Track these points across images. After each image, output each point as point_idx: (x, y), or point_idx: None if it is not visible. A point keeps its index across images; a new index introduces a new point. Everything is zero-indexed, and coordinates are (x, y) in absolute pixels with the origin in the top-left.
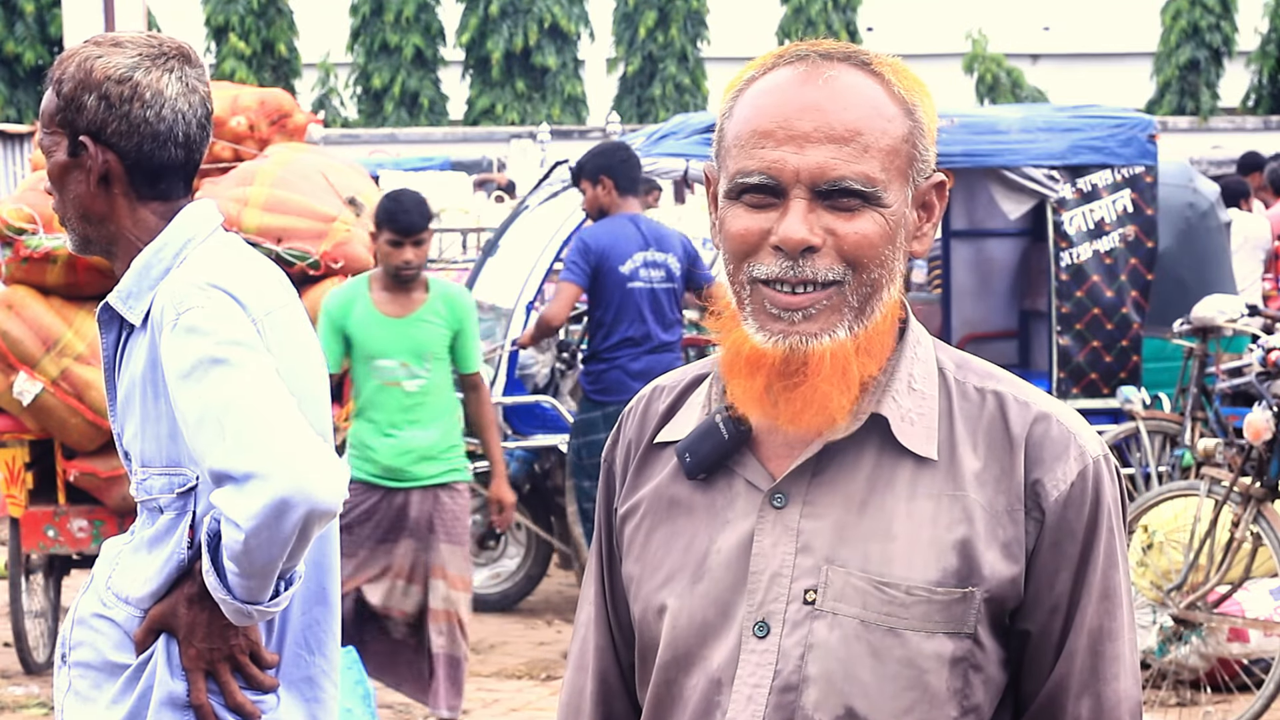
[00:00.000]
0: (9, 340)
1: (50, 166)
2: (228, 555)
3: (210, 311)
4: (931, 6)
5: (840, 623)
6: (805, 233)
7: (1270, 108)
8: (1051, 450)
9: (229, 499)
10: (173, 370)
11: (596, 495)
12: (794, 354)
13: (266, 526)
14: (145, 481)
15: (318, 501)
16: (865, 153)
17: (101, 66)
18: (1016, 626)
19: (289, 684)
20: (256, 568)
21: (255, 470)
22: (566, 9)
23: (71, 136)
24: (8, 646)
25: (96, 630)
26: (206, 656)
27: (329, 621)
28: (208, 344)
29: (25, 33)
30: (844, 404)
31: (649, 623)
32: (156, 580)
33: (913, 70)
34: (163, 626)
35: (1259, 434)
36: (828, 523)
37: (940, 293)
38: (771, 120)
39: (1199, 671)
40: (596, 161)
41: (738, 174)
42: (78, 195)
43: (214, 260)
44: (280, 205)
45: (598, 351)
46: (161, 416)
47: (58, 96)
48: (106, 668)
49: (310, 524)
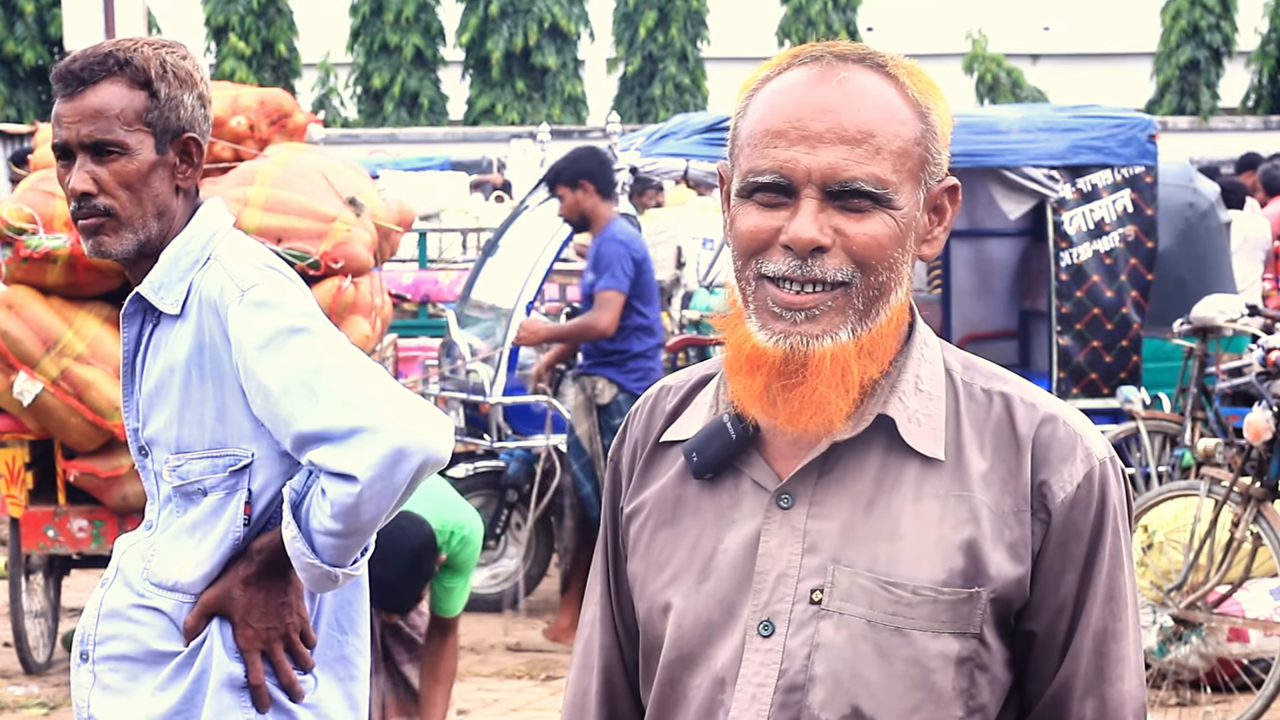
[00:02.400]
0: (9, 340)
1: (130, 165)
2: (332, 512)
3: (276, 287)
4: (931, 6)
5: (847, 622)
6: (815, 232)
7: (1270, 108)
8: (1058, 452)
9: (335, 455)
10: (249, 343)
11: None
12: (794, 354)
13: (381, 478)
14: (181, 468)
15: (432, 450)
16: (877, 154)
17: (189, 67)
18: (1022, 627)
19: (324, 664)
20: (364, 522)
21: (363, 424)
22: (566, 9)
23: (160, 135)
24: (8, 646)
25: (137, 621)
26: (264, 636)
27: (360, 601)
28: (284, 315)
29: (25, 33)
30: (842, 406)
31: (654, 622)
32: (209, 563)
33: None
34: (217, 610)
35: (1259, 434)
36: (834, 523)
37: (940, 293)
38: (785, 120)
39: (1199, 671)
40: (575, 167)
41: (750, 172)
42: (160, 194)
43: (249, 248)
44: (280, 205)
45: (642, 352)
46: (207, 399)
47: (151, 95)
48: (148, 657)
49: (422, 473)
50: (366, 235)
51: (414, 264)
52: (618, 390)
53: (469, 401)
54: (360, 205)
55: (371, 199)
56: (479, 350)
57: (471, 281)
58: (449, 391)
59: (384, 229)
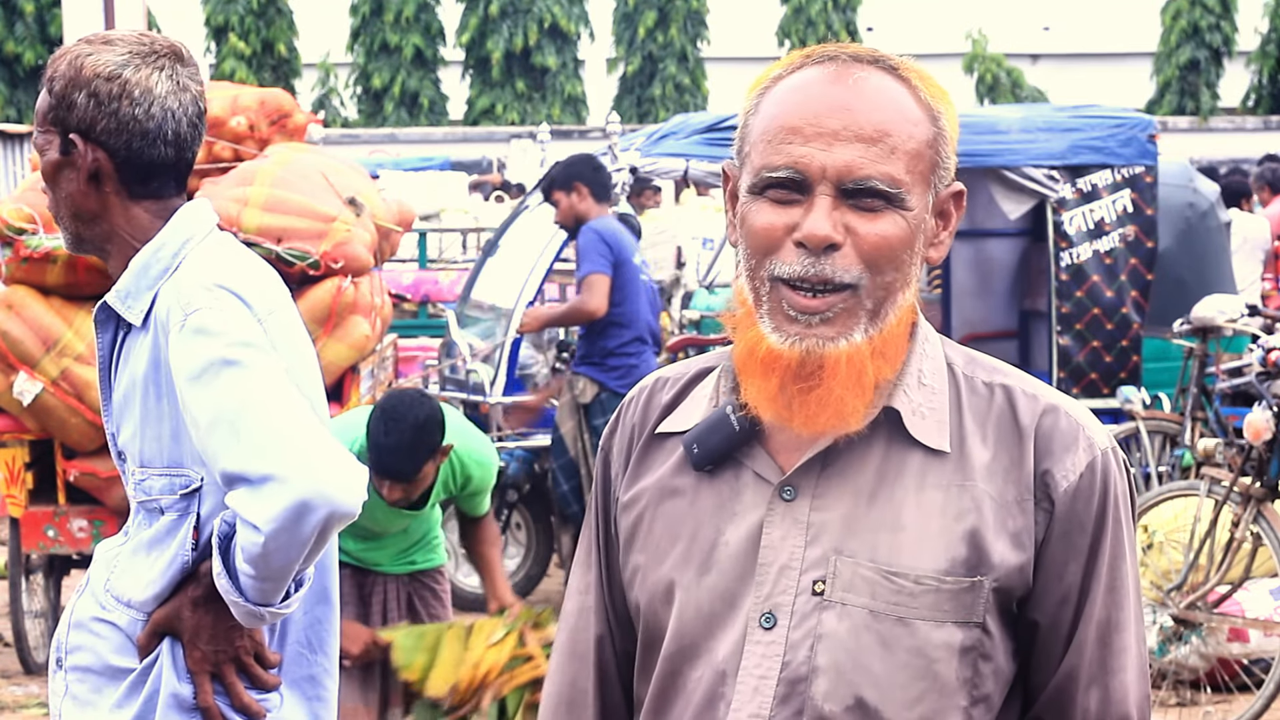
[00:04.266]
0: (9, 340)
1: (43, 165)
2: (244, 557)
3: (219, 312)
4: (931, 6)
5: (849, 613)
6: (829, 229)
7: (1270, 108)
8: (1060, 441)
9: (246, 501)
10: (182, 371)
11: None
12: (810, 357)
13: (286, 529)
14: (144, 482)
15: (338, 504)
16: (892, 154)
17: (91, 64)
18: (1025, 617)
19: (291, 683)
20: (274, 570)
21: (274, 473)
22: (566, 9)
23: (63, 134)
24: (8, 646)
25: (96, 634)
26: (212, 659)
27: (330, 620)
28: (218, 345)
29: (25, 33)
30: (858, 407)
31: (655, 614)
32: (160, 583)
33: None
34: (167, 630)
35: (1259, 434)
36: (837, 515)
37: (940, 293)
38: (800, 117)
39: (1199, 671)
40: (568, 172)
41: (763, 169)
42: (69, 193)
43: (216, 260)
44: (280, 205)
45: (618, 348)
46: (164, 417)
47: (50, 95)
48: (107, 672)
49: (330, 526)
50: (366, 235)
51: (414, 264)
52: (599, 389)
53: (469, 401)
54: (360, 205)
55: (371, 199)
56: (479, 350)
57: (471, 281)
58: (449, 391)
59: (384, 229)
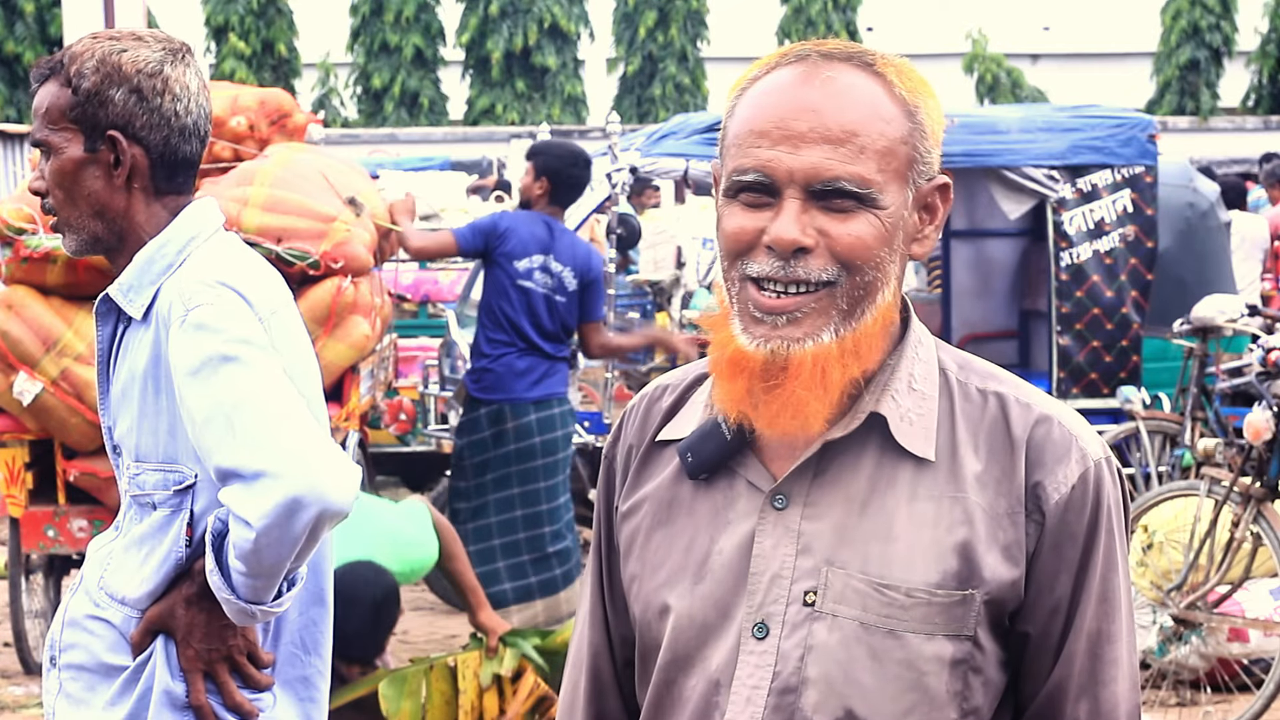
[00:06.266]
0: (9, 340)
1: (57, 164)
2: (235, 554)
3: (220, 309)
4: (931, 6)
5: (840, 625)
6: (797, 233)
7: (1270, 108)
8: (1053, 453)
9: (239, 497)
10: (181, 367)
11: (559, 494)
12: (775, 358)
13: (278, 526)
14: (138, 477)
15: (330, 502)
16: (861, 154)
17: (130, 60)
18: (1016, 628)
19: (284, 683)
20: (265, 567)
21: (267, 469)
22: (566, 9)
23: (89, 132)
24: (8, 646)
25: (90, 632)
26: (205, 657)
27: (324, 622)
28: (217, 341)
29: (25, 33)
30: (819, 409)
31: (650, 623)
32: (153, 580)
33: (918, 71)
34: (160, 627)
35: (1259, 434)
36: (828, 524)
37: (940, 293)
38: (768, 120)
39: (1199, 671)
40: (548, 161)
41: (734, 172)
42: (94, 192)
43: (220, 258)
44: (280, 205)
45: (480, 347)
46: (161, 412)
47: (74, 92)
48: (101, 669)
49: (321, 524)
50: (366, 235)
51: (414, 264)
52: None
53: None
54: (360, 205)
55: (371, 199)
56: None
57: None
58: (449, 391)
59: (384, 229)
